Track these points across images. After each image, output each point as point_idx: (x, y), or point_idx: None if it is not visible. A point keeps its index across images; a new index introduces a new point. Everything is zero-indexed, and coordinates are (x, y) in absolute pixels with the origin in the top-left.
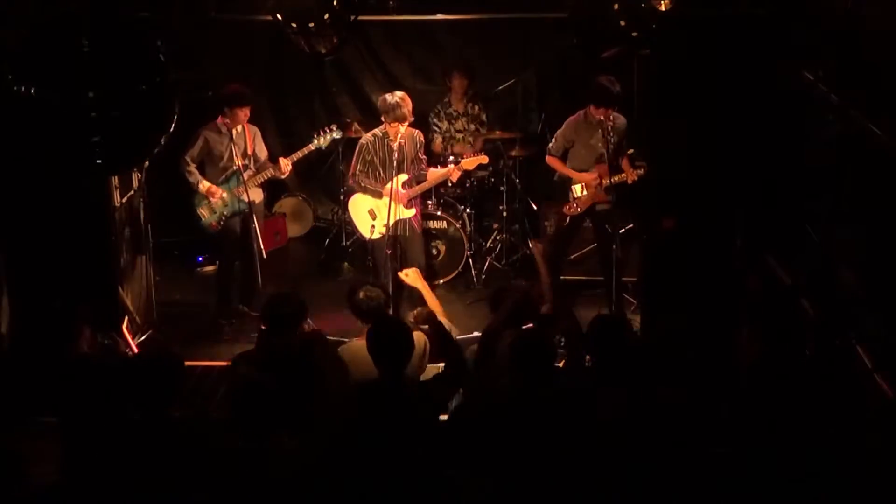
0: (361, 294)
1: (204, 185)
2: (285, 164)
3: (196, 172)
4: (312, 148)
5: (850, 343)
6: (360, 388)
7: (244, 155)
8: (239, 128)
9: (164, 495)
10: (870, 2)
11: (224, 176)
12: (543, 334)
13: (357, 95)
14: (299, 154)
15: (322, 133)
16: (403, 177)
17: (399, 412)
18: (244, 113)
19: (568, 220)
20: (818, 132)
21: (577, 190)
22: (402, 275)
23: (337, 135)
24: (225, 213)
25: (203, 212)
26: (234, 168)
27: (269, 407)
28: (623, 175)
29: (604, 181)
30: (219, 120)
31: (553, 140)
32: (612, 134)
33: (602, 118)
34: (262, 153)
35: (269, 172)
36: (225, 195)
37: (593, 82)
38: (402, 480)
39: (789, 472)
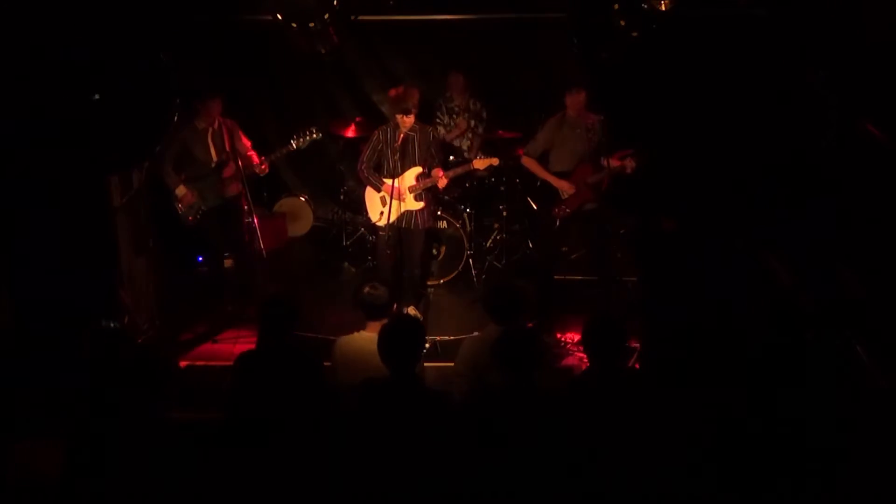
0: (366, 290)
1: (180, 189)
2: (260, 166)
3: (172, 174)
4: (293, 149)
5: (850, 342)
6: (368, 385)
7: (220, 151)
8: (216, 124)
9: (168, 496)
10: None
11: (201, 173)
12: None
13: (357, 95)
14: (277, 155)
15: (300, 135)
16: (418, 169)
17: (410, 410)
18: (215, 105)
19: (557, 224)
20: (818, 132)
21: (563, 192)
22: None
23: (317, 136)
24: (202, 207)
25: (179, 206)
26: (212, 164)
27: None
28: (603, 174)
29: (588, 180)
30: (195, 118)
31: (531, 141)
32: (591, 133)
33: (578, 114)
34: (243, 146)
35: (248, 169)
36: (197, 194)
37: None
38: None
39: (789, 471)
